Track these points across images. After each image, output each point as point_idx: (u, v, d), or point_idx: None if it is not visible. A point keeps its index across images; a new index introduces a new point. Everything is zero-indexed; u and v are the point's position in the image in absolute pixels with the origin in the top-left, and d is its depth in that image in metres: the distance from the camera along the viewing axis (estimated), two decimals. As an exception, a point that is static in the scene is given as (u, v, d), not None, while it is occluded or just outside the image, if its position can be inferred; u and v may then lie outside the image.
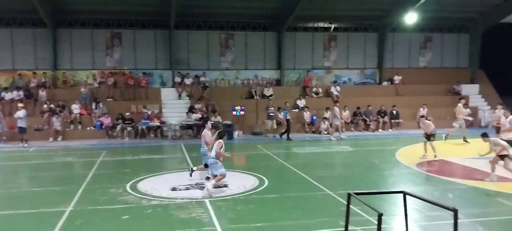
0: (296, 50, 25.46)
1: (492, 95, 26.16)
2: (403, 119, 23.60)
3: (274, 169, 14.21)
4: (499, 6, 24.47)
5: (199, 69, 24.23)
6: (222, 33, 24.60)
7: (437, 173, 13.13)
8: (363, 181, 12.57)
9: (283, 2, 22.67)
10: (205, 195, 10.38)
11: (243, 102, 22.64)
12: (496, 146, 11.63)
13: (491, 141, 11.78)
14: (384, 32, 25.46)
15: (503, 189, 11.12)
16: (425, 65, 27.12)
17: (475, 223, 8.55)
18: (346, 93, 24.51)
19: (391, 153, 16.35)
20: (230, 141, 20.09)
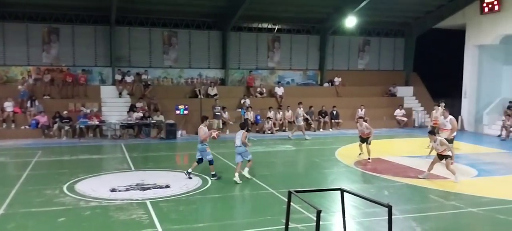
0: (240, 50, 25.56)
1: (425, 96, 27.60)
2: (343, 119, 24.36)
3: (218, 169, 14.16)
4: (431, 13, 25.85)
5: (141, 67, 23.71)
6: (165, 30, 24.22)
7: (374, 171, 13.67)
8: (305, 179, 12.87)
9: (227, 2, 22.69)
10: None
11: (186, 102, 22.41)
12: (442, 146, 12.09)
13: (438, 140, 12.18)
14: (326, 35, 26.15)
15: (435, 186, 11.78)
16: (364, 68, 28.14)
17: (409, 218, 9.00)
18: (289, 94, 24.93)
19: (331, 152, 16.84)
20: (173, 141, 19.88)
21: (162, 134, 20.65)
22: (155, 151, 17.67)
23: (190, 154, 17.23)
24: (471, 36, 23.85)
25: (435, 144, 12.22)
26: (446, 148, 12.08)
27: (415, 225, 8.60)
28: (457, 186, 11.75)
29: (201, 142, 12.20)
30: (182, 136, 21.05)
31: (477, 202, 10.22)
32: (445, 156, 12.14)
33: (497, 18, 22.14)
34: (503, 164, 14.90)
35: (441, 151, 12.14)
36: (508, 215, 9.22)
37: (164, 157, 16.45)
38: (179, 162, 16.23)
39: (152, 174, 12.82)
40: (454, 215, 9.51)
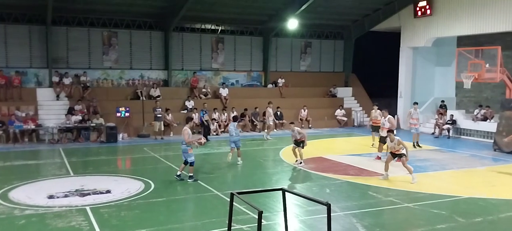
0: (183, 50, 25.28)
1: (364, 97, 28.63)
2: (287, 120, 24.68)
3: (161, 172, 14.00)
4: (369, 16, 26.86)
5: (80, 68, 22.86)
6: (105, 30, 23.49)
7: (317, 169, 14.02)
8: (249, 180, 12.97)
9: (169, 2, 22.38)
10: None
11: (128, 104, 21.87)
12: (399, 145, 12.40)
13: (396, 140, 12.46)
14: (269, 36, 26.46)
15: (374, 183, 12.27)
16: (306, 69, 28.74)
17: (349, 215, 9.32)
18: (234, 95, 24.99)
19: (276, 152, 17.08)
20: (114, 144, 19.35)
21: (102, 137, 20.03)
22: (95, 155, 17.13)
23: (132, 158, 16.89)
24: (405, 38, 25.01)
25: (392, 144, 12.50)
26: (402, 147, 12.43)
27: (355, 221, 8.92)
28: (395, 182, 12.28)
29: (184, 143, 12.14)
30: (124, 139, 20.52)
31: (412, 197, 10.76)
32: (399, 154, 12.48)
33: (429, 22, 23.37)
34: (436, 161, 15.76)
35: (397, 150, 12.48)
36: (441, 209, 9.78)
37: (104, 161, 15.97)
38: (121, 166, 15.83)
39: (92, 179, 12.42)
40: (392, 211, 9.95)
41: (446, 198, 10.72)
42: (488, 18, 20.43)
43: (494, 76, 17.46)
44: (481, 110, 22.01)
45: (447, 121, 22.43)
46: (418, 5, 23.68)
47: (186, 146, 12.16)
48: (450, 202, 10.45)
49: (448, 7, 22.31)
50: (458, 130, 22.28)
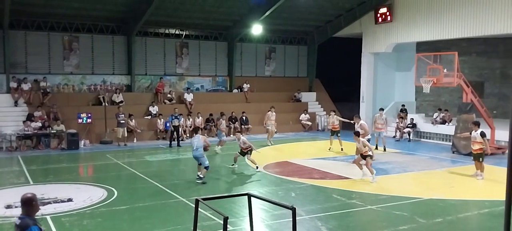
0: (147, 55, 24.94)
1: (327, 102, 29.06)
2: (252, 124, 24.81)
3: (124, 179, 13.75)
4: (331, 22, 27.32)
5: (39, 73, 22.16)
6: (66, 35, 22.88)
7: (282, 174, 14.12)
8: (215, 186, 12.91)
9: (131, 6, 22.05)
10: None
11: (90, 109, 21.37)
12: (365, 147, 12.88)
13: (362, 141, 12.96)
14: (233, 42, 26.48)
15: (338, 186, 12.47)
16: (270, 74, 28.93)
17: (314, 218, 9.44)
18: (199, 100, 24.84)
19: (241, 157, 17.04)
20: (75, 151, 18.86)
21: (63, 144, 19.49)
22: (55, 162, 16.63)
23: (95, 165, 16.51)
24: (367, 44, 25.58)
25: (359, 145, 13.02)
26: (368, 149, 12.93)
27: (320, 225, 9.04)
28: (358, 185, 12.53)
29: (200, 149, 12.69)
30: (85, 146, 20.03)
31: (375, 199, 11.00)
32: (366, 156, 12.91)
33: (389, 28, 24.00)
34: (398, 163, 16.17)
35: (364, 152, 12.89)
36: (403, 211, 10.04)
37: (65, 168, 15.53)
38: (83, 174, 15.44)
39: (52, 188, 12.06)
40: (355, 213, 10.14)
41: (408, 200, 11.02)
42: (445, 25, 21.19)
43: (452, 80, 18.07)
44: (440, 114, 22.78)
45: (408, 124, 23.07)
46: (378, 12, 24.29)
47: (199, 151, 12.66)
48: (411, 204, 10.75)
49: (407, 14, 22.99)
50: (418, 133, 22.97)
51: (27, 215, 4.67)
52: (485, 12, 19.35)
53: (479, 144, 13.17)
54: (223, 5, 23.18)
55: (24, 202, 4.75)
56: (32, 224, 4.56)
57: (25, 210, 4.71)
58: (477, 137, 13.20)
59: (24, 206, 4.73)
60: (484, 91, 24.95)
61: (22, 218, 4.63)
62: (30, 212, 4.69)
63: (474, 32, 20.17)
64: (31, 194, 4.82)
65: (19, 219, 4.65)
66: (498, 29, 19.13)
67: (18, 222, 4.63)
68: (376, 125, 19.68)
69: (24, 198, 4.75)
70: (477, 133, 13.21)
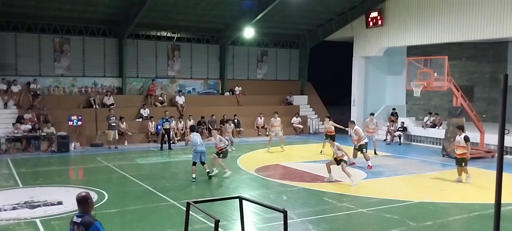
0: (138, 58, 24.86)
1: (319, 105, 29.16)
2: (244, 127, 24.82)
3: (115, 182, 13.68)
4: (323, 26, 27.44)
5: (29, 75, 21.99)
6: (57, 37, 22.75)
7: (274, 177, 14.14)
8: (206, 189, 12.90)
9: (123, 9, 21.97)
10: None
11: (80, 112, 21.23)
12: (339, 150, 12.98)
13: (336, 145, 13.07)
14: (225, 45, 26.48)
15: (329, 189, 12.50)
16: (262, 77, 28.96)
17: (305, 221, 9.46)
18: (191, 103, 24.81)
19: (233, 160, 17.05)
20: (65, 154, 18.73)
21: (53, 147, 19.35)
22: (45, 165, 16.50)
23: (85, 168, 16.41)
24: (358, 48, 25.72)
25: (334, 148, 13.11)
26: (343, 154, 12.98)
27: (312, 228, 9.06)
28: (350, 188, 12.57)
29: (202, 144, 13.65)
30: (76, 148, 19.90)
31: (366, 202, 11.04)
32: (341, 160, 12.95)
33: (380, 32, 24.15)
34: (388, 166, 16.26)
35: (340, 156, 12.95)
36: (393, 214, 10.09)
37: (55, 171, 15.41)
38: (73, 177, 15.34)
39: (42, 191, 11.97)
40: (346, 216, 10.17)
41: (398, 203, 11.07)
42: (435, 29, 21.38)
43: (442, 84, 18.21)
44: (430, 118, 22.94)
45: (398, 128, 23.21)
46: (369, 16, 24.43)
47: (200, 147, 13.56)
48: (402, 207, 10.80)
49: (398, 18, 23.16)
50: (408, 136, 23.11)
51: (85, 213, 4.82)
52: (475, 17, 19.55)
53: (462, 149, 13.15)
54: (215, 8, 23.19)
55: (81, 200, 4.89)
56: (94, 221, 4.74)
57: (82, 208, 4.86)
58: (461, 141, 13.21)
59: (81, 204, 4.88)
60: (474, 95, 25.19)
61: (82, 216, 4.78)
62: (87, 210, 4.85)
63: (464, 37, 20.36)
64: (85, 192, 5.02)
65: (78, 217, 4.79)
66: (487, 34, 19.33)
67: (79, 220, 4.77)
68: (367, 129, 19.84)
69: (81, 196, 4.92)
70: (461, 137, 13.23)
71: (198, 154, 13.55)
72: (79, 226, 4.75)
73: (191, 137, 13.93)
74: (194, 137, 13.75)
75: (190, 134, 14.39)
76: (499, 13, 18.62)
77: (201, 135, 22.81)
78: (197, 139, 13.63)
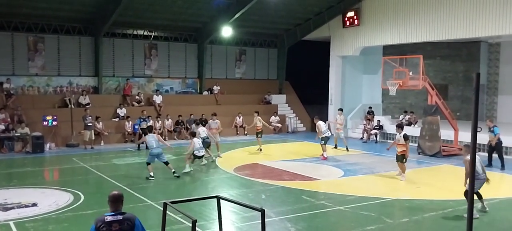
0: (115, 57, 24.53)
1: (297, 104, 29.32)
2: (222, 127, 24.61)
3: (91, 183, 13.49)
4: (300, 25, 27.58)
5: (3, 75, 21.46)
6: (31, 35, 22.26)
7: (252, 176, 14.15)
8: (185, 189, 12.83)
9: (98, 7, 21.64)
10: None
11: (55, 112, 20.83)
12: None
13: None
14: (203, 43, 26.36)
15: (307, 187, 12.59)
16: (241, 77, 28.95)
17: (284, 220, 9.50)
18: (169, 102, 24.62)
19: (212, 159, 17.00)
20: (40, 155, 18.37)
21: (28, 147, 18.94)
22: (20, 166, 16.14)
23: (61, 168, 16.13)
24: (335, 47, 25.94)
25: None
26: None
27: (290, 226, 9.11)
28: (328, 186, 12.68)
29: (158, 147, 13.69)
30: (51, 149, 19.53)
31: (343, 200, 11.16)
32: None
33: (357, 32, 24.40)
34: (365, 164, 16.47)
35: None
36: (370, 211, 10.23)
37: (30, 172, 15.10)
38: (48, 178, 15.05)
39: (16, 192, 11.71)
40: (324, 214, 10.26)
41: (375, 200, 11.23)
42: (410, 29, 21.72)
43: (417, 83, 18.53)
44: (406, 116, 23.33)
45: (375, 126, 23.52)
46: (346, 16, 24.66)
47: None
48: (378, 204, 10.96)
49: (374, 18, 23.45)
50: (384, 134, 23.44)
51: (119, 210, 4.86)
52: (449, 17, 19.95)
53: (402, 146, 13.50)
54: (192, 7, 23.07)
55: (117, 199, 4.97)
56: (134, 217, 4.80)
57: (117, 206, 4.92)
58: (400, 139, 13.57)
59: (116, 203, 4.93)
60: (448, 94, 25.73)
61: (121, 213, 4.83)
62: (121, 208, 4.88)
63: (439, 36, 20.76)
64: (118, 191, 5.10)
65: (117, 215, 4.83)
66: (461, 34, 19.75)
67: (121, 217, 4.79)
68: (335, 125, 20.37)
69: (117, 195, 5.01)
70: (401, 136, 13.58)
71: (154, 157, 13.62)
72: (123, 223, 4.77)
73: (147, 139, 13.86)
74: (149, 139, 13.70)
75: (146, 136, 14.18)
76: (473, 14, 19.04)
77: (179, 134, 22.94)
78: (152, 141, 13.58)
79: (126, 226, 4.76)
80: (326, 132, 17.50)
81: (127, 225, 4.75)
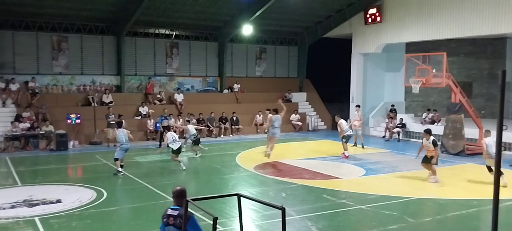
0: (137, 56, 24.82)
1: (318, 102, 29.16)
2: (242, 125, 24.81)
3: (114, 180, 13.67)
4: (321, 23, 27.41)
5: (28, 73, 21.97)
6: (55, 35, 22.70)
7: (273, 174, 14.13)
8: (205, 186, 12.90)
9: (121, 6, 21.92)
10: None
11: (79, 110, 21.21)
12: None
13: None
14: (224, 42, 26.45)
15: (328, 186, 12.51)
16: (261, 75, 28.94)
17: (304, 218, 9.46)
18: (190, 101, 24.79)
19: (232, 158, 17.07)
20: (64, 152, 18.72)
21: (52, 145, 19.33)
22: (44, 163, 16.49)
23: (84, 166, 16.40)
24: (356, 45, 25.70)
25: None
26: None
27: (310, 224, 9.06)
28: (349, 185, 12.57)
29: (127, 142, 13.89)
30: (75, 146, 19.88)
31: (365, 199, 11.05)
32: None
33: (379, 29, 24.13)
34: (387, 163, 16.26)
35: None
36: (392, 210, 10.10)
37: (54, 170, 15.41)
38: (72, 175, 15.33)
39: (41, 189, 11.96)
40: (345, 213, 10.17)
41: (397, 199, 11.08)
42: (434, 26, 21.36)
43: (440, 81, 18.21)
44: (429, 114, 22.96)
45: (397, 124, 23.22)
46: (368, 13, 24.40)
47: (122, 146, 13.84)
48: (400, 203, 10.81)
49: (397, 14, 23.14)
50: (407, 133, 23.12)
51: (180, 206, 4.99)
52: (474, 13, 19.54)
53: (431, 152, 12.99)
54: (214, 5, 23.15)
55: (179, 194, 5.16)
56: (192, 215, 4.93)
57: (179, 201, 5.09)
58: (429, 146, 13.00)
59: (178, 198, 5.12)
60: (472, 92, 25.20)
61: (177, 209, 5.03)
62: (182, 203, 4.92)
63: (463, 33, 20.36)
64: (181, 186, 5.31)
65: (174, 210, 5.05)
66: (486, 30, 19.33)
67: (176, 213, 4.99)
68: (353, 122, 20.15)
69: (179, 190, 5.21)
70: (429, 142, 12.97)
71: (123, 151, 13.92)
72: (176, 219, 4.95)
73: (117, 134, 14.02)
74: (119, 134, 13.89)
75: (116, 130, 14.39)
76: (498, 10, 18.61)
77: (200, 132, 23.09)
78: (122, 136, 13.80)
79: (178, 222, 4.94)
80: (348, 131, 17.42)
81: (179, 222, 4.90)
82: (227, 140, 22.94)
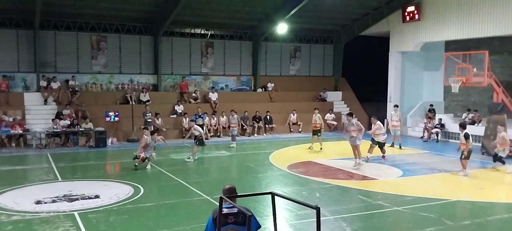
0: (173, 55, 25.20)
1: (354, 101, 28.74)
2: (276, 124, 24.76)
3: (150, 177, 13.91)
4: (358, 21, 27.01)
5: (68, 72, 22.68)
6: (94, 35, 23.34)
7: (306, 174, 14.02)
8: (239, 184, 12.80)
9: (158, 7, 22.30)
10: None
11: (117, 108, 21.73)
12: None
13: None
14: (258, 41, 26.47)
15: (363, 187, 12.31)
16: (295, 74, 28.80)
17: (339, 219, 9.33)
18: (224, 99, 24.95)
19: (265, 156, 17.06)
20: (103, 149, 19.21)
21: (91, 142, 19.87)
22: (83, 160, 16.97)
23: (122, 162, 16.76)
24: (394, 43, 25.19)
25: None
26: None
27: (345, 225, 8.93)
28: (384, 186, 12.32)
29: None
30: (113, 143, 20.37)
31: (401, 201, 10.80)
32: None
33: (417, 27, 23.56)
34: (425, 164, 15.85)
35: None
36: (429, 212, 9.83)
37: (93, 166, 15.83)
38: (110, 171, 15.70)
39: (80, 184, 12.30)
40: (380, 214, 9.98)
41: (435, 201, 10.78)
42: (475, 23, 20.67)
43: (482, 80, 17.64)
44: (469, 114, 22.21)
45: (436, 124, 22.60)
46: (406, 10, 23.88)
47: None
48: (438, 205, 10.51)
49: (436, 12, 22.53)
50: (446, 133, 22.47)
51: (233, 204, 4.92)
52: (518, 9, 18.77)
53: (463, 145, 13.45)
54: (249, 4, 23.20)
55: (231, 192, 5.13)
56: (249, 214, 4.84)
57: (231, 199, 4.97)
58: (462, 138, 13.51)
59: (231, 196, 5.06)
60: (516, 91, 24.21)
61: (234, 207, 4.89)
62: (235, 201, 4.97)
63: (506, 31, 19.58)
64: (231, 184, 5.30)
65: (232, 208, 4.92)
66: (531, 27, 18.55)
67: (236, 210, 4.92)
68: (391, 122, 19.66)
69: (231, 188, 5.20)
70: (462, 135, 13.48)
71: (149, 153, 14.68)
72: (237, 216, 4.94)
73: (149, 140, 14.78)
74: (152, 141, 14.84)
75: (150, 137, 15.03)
76: (544, 5, 17.83)
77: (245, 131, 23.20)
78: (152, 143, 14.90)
79: (240, 219, 4.91)
80: (383, 137, 16.26)
81: (241, 218, 4.89)
82: (261, 138, 22.94)
